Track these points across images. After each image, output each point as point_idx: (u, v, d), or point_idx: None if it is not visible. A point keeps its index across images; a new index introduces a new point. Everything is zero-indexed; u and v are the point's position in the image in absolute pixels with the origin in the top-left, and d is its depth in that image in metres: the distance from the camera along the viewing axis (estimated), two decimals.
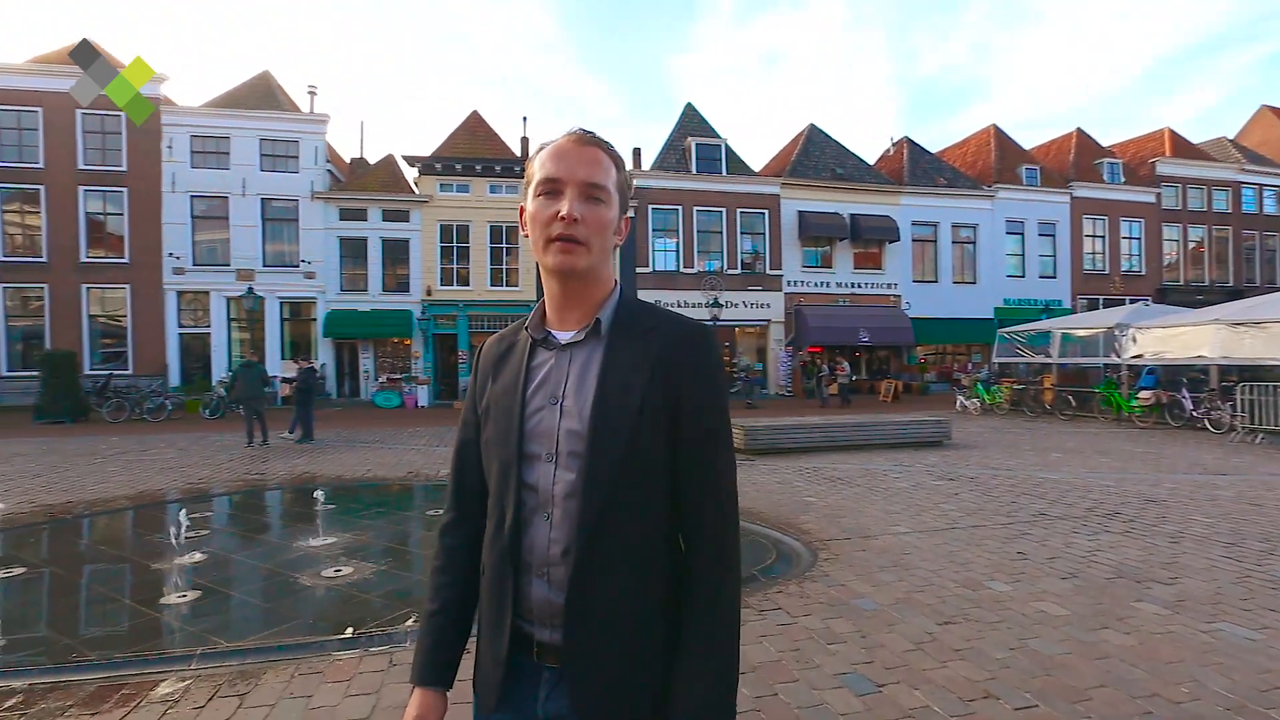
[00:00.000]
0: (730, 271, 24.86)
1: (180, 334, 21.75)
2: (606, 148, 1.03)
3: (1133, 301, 19.88)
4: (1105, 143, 31.20)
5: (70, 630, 3.71)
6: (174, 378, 21.24)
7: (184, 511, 5.61)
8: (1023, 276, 27.51)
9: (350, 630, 3.51)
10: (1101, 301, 26.79)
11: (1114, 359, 15.41)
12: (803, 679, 2.88)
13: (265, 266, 22.05)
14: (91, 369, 20.40)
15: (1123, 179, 28.67)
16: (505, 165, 23.29)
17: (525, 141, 25.31)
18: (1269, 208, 30.14)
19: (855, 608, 3.74)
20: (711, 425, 1.01)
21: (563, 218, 0.96)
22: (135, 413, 17.11)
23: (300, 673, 3.02)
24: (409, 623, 3.61)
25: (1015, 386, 18.06)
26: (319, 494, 6.05)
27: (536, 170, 1.01)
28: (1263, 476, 8.03)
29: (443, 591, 1.09)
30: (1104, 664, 2.98)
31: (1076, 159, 28.93)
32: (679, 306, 23.86)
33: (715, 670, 0.94)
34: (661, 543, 0.99)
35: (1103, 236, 28.38)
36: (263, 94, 23.27)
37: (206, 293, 21.84)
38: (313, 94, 23.45)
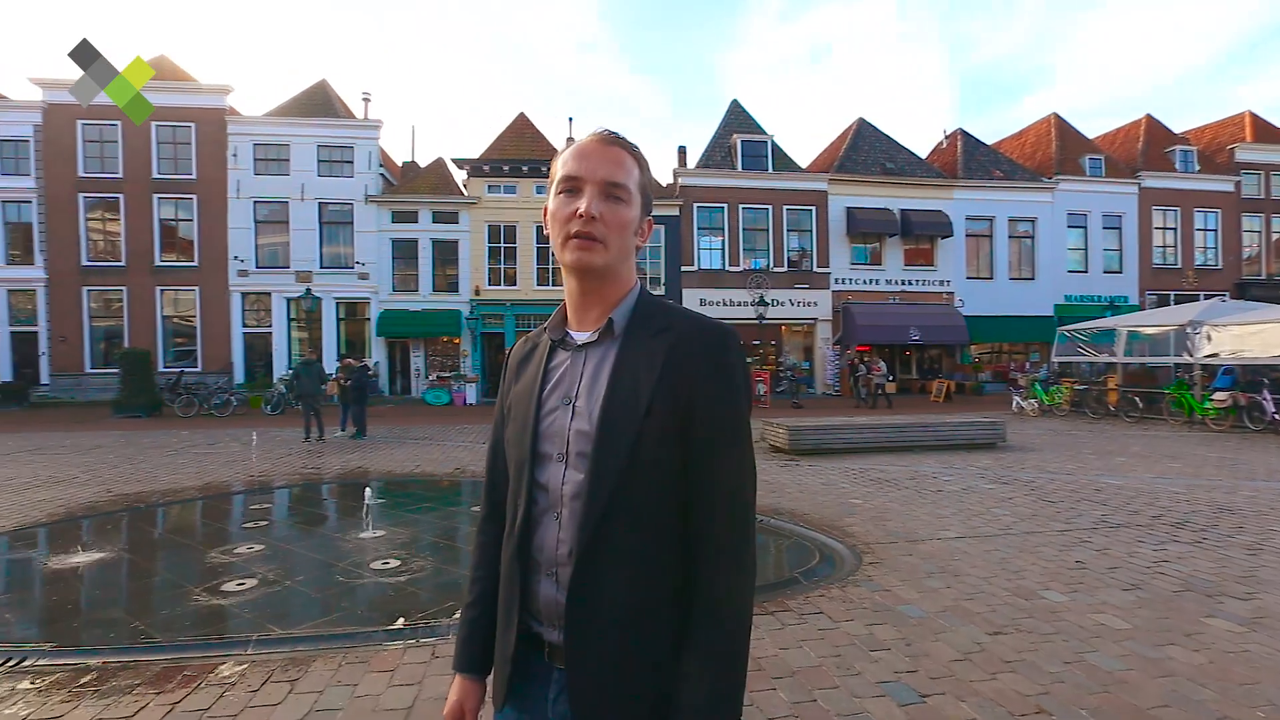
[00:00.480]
0: (776, 269, 24.54)
1: (244, 333, 22.77)
2: (630, 148, 1.03)
3: (1208, 297, 18.73)
4: (1178, 129, 29.51)
5: (140, 613, 3.92)
6: (238, 375, 22.26)
7: (245, 503, 5.88)
8: (1085, 272, 26.30)
9: (401, 621, 3.62)
10: (1173, 297, 25.38)
11: (1186, 358, 14.57)
12: (843, 686, 2.82)
13: (322, 268, 22.88)
14: (164, 367, 21.56)
15: (1197, 167, 27.08)
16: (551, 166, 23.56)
17: (570, 142, 25.52)
18: None
19: (900, 614, 3.64)
20: (722, 426, 0.97)
21: (580, 215, 0.97)
22: (203, 408, 18.00)
23: (347, 661, 3.12)
24: (454, 617, 3.69)
25: (1076, 387, 17.28)
26: (369, 489, 6.24)
27: (559, 169, 1.03)
28: None
29: (477, 585, 1.14)
30: (1169, 682, 2.82)
31: (1146, 147, 27.48)
32: (725, 305, 23.70)
33: (717, 674, 0.91)
34: (669, 545, 0.97)
35: (1174, 229, 26.88)
36: (320, 102, 24.13)
37: (268, 294, 22.79)
38: (366, 101, 24.23)
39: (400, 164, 28.07)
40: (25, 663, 3.19)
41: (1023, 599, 3.86)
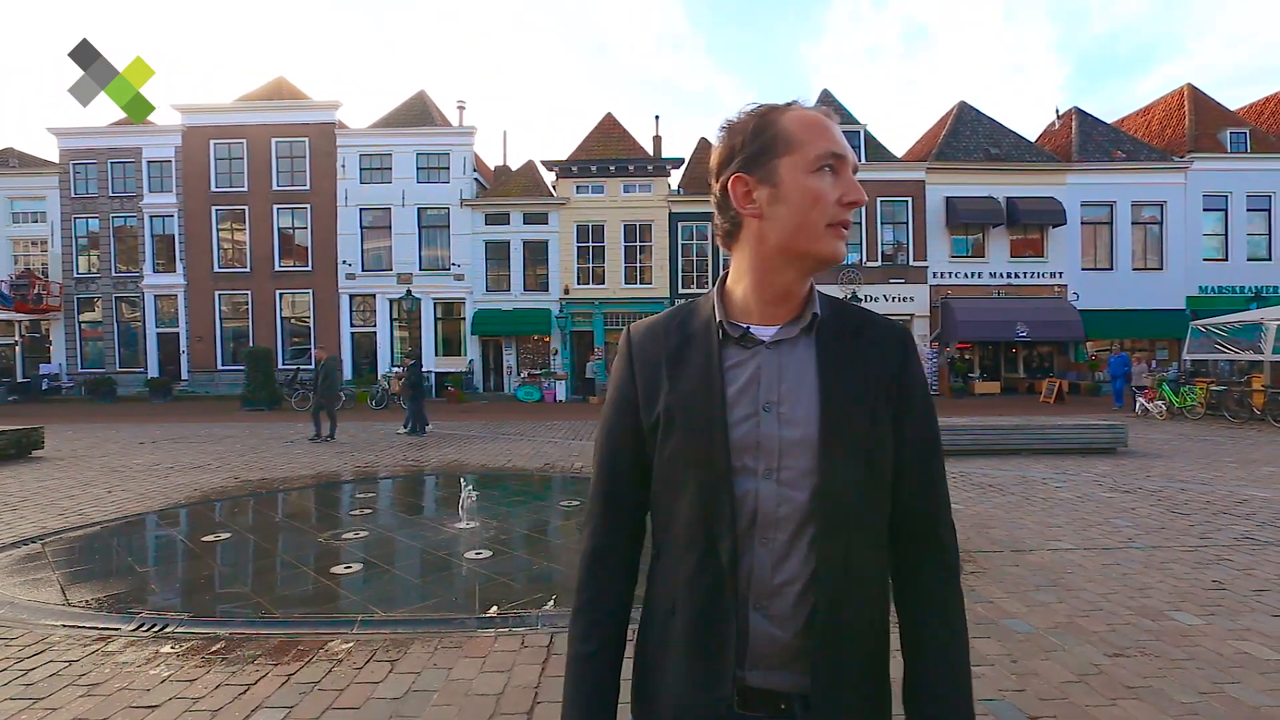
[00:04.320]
0: (870, 264, 23.64)
1: (352, 333, 24.38)
2: None
3: None
4: None
5: (261, 589, 4.27)
6: (347, 372, 23.86)
7: (352, 492, 6.28)
8: (1225, 260, 23.66)
9: (494, 610, 3.75)
10: None
11: None
12: None
13: (421, 270, 24.12)
14: (283, 364, 23.45)
15: None
16: (638, 165, 23.73)
17: (658, 140, 25.61)
18: None
19: (1005, 628, 3.41)
20: (933, 431, 0.95)
21: (853, 202, 0.88)
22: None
23: (443, 646, 3.27)
24: (547, 606, 3.79)
25: (1213, 388, 15.59)
26: (465, 481, 6.51)
27: (807, 137, 0.87)
28: None
29: (599, 630, 0.94)
30: None
31: None
32: None
33: (965, 688, 0.89)
34: (884, 558, 0.93)
35: None
36: (418, 112, 25.43)
37: (373, 295, 24.29)
38: (461, 109, 25.29)
39: (493, 168, 29.14)
40: (168, 629, 3.55)
41: (1148, 619, 3.51)
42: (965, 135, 24.84)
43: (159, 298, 24.69)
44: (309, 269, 24.28)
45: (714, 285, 0.98)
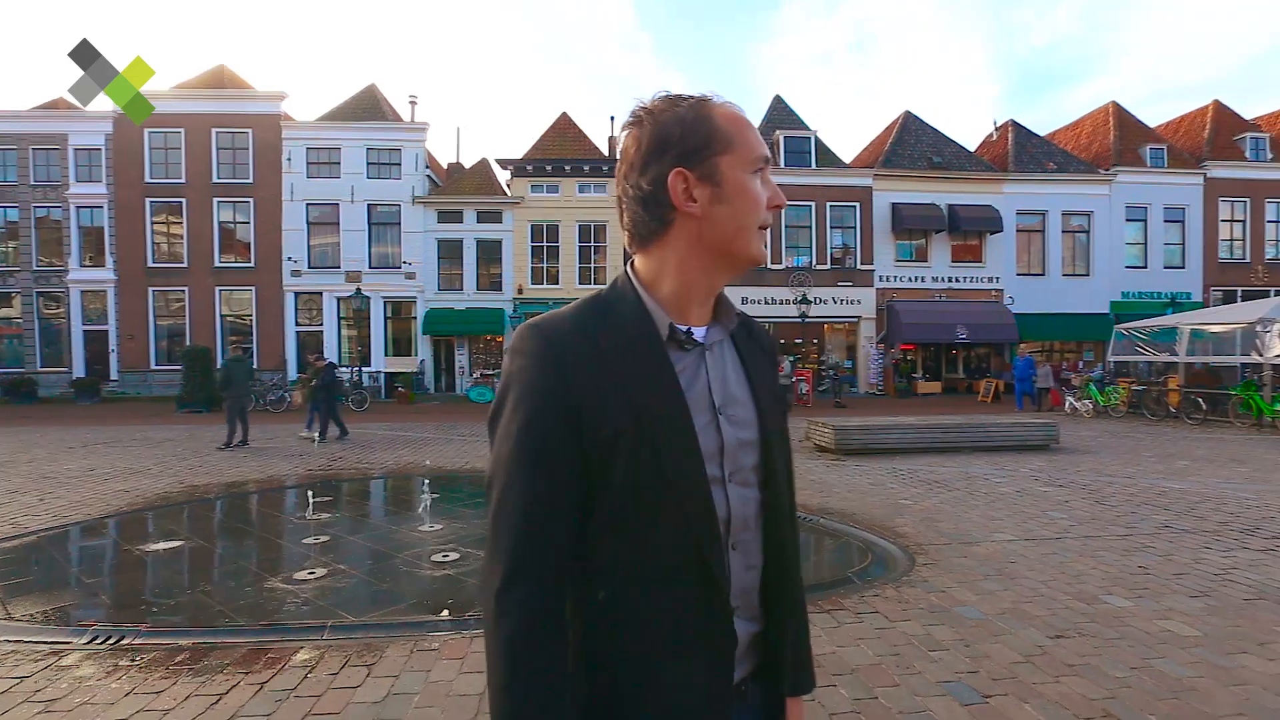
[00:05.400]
0: (819, 267, 24.27)
1: (297, 332, 23.61)
2: None
3: (1278, 293, 17.84)
4: (1249, 115, 28.06)
5: (221, 598, 4.16)
6: (290, 372, 23.10)
7: (307, 496, 6.15)
8: (1144, 268, 25.28)
9: (470, 613, 3.77)
10: (1240, 294, 24.18)
11: (1255, 358, 13.92)
12: (904, 685, 2.84)
13: (371, 268, 23.56)
14: (223, 363, 22.53)
15: (1270, 155, 25.73)
16: (593, 165, 23.75)
17: (613, 140, 25.67)
18: None
19: (957, 615, 3.63)
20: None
21: (779, 205, 0.90)
22: (259, 404, 18.73)
23: (419, 649, 3.27)
24: None
25: (1134, 387, 16.66)
26: (426, 484, 6.46)
27: (743, 138, 0.86)
28: None
29: (566, 693, 0.80)
30: (1242, 690, 2.77)
31: (1213, 135, 26.23)
32: (766, 303, 23.57)
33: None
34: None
35: (1243, 221, 25.61)
36: (369, 106, 24.82)
37: (319, 293, 23.59)
38: (413, 104, 24.83)
39: (445, 165, 28.68)
40: (123, 641, 3.43)
41: (1084, 603, 3.80)
42: (910, 144, 25.78)
43: (86, 293, 23.37)
44: (251, 265, 23.41)
45: (623, 281, 0.90)
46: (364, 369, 22.43)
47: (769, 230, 0.91)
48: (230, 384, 11.10)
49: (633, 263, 0.92)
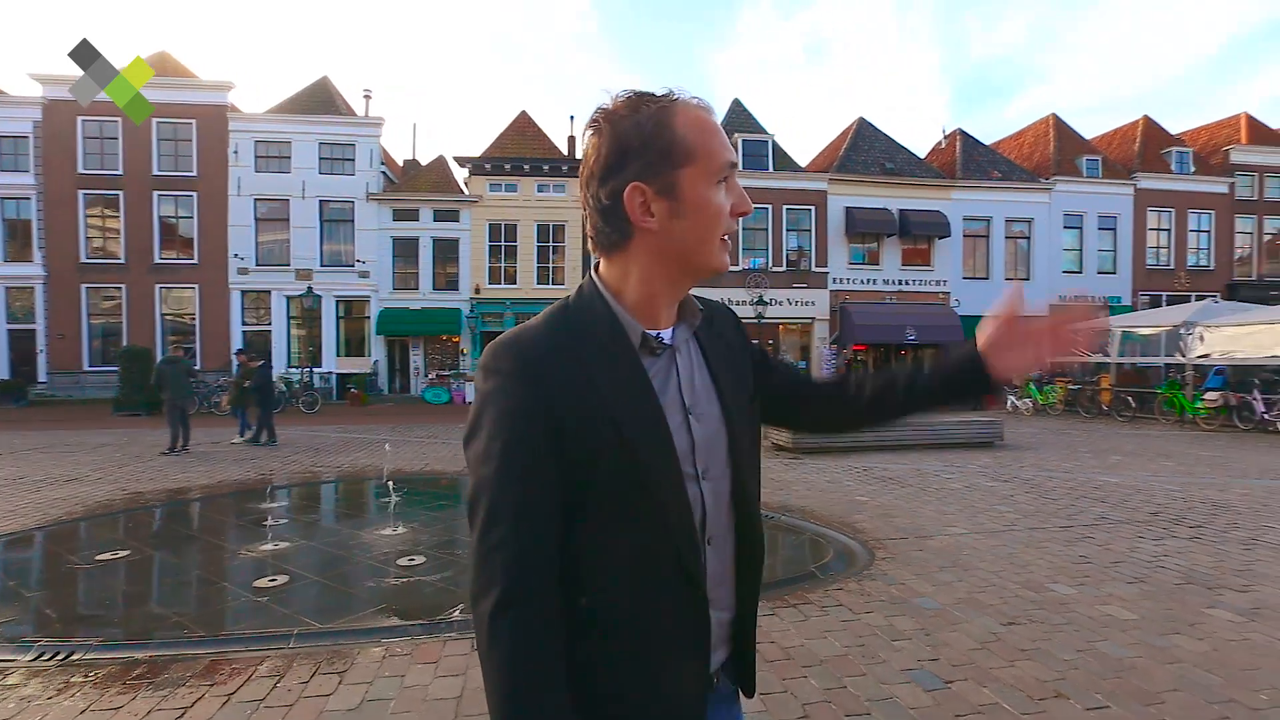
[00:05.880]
0: (775, 269, 24.70)
1: (244, 331, 22.78)
2: None
3: (1200, 298, 19.01)
4: (1175, 130, 29.79)
5: (177, 608, 4.02)
6: (234, 372, 22.25)
7: (267, 501, 5.99)
8: (1080, 272, 26.54)
9: (442, 615, 3.74)
10: (1165, 298, 25.67)
11: (1178, 358, 14.82)
12: (870, 673, 2.96)
13: (322, 266, 22.92)
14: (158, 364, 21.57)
15: (1193, 168, 27.36)
16: (553, 165, 23.63)
17: (572, 140, 25.61)
18: None
19: (917, 606, 3.79)
20: (788, 362, 1.12)
21: (744, 213, 0.89)
22: (204, 406, 18.01)
23: (391, 654, 3.24)
24: None
25: (1070, 386, 17.52)
26: (387, 486, 6.35)
27: (706, 146, 0.84)
28: None
29: (566, 708, 0.79)
30: (1176, 668, 2.98)
31: (1142, 148, 27.73)
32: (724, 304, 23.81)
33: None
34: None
35: (1168, 230, 27.17)
36: (321, 99, 24.13)
37: (268, 292, 22.82)
38: (368, 98, 24.28)
39: (401, 162, 28.10)
40: (74, 656, 3.29)
41: (1033, 592, 4.01)
42: (864, 150, 26.47)
43: (11, 290, 22.06)
44: (194, 262, 22.47)
45: (589, 289, 0.91)
46: (314, 370, 21.80)
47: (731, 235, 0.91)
48: (164, 385, 10.66)
49: (598, 266, 0.92)
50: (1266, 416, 12.50)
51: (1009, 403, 17.86)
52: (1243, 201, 27.54)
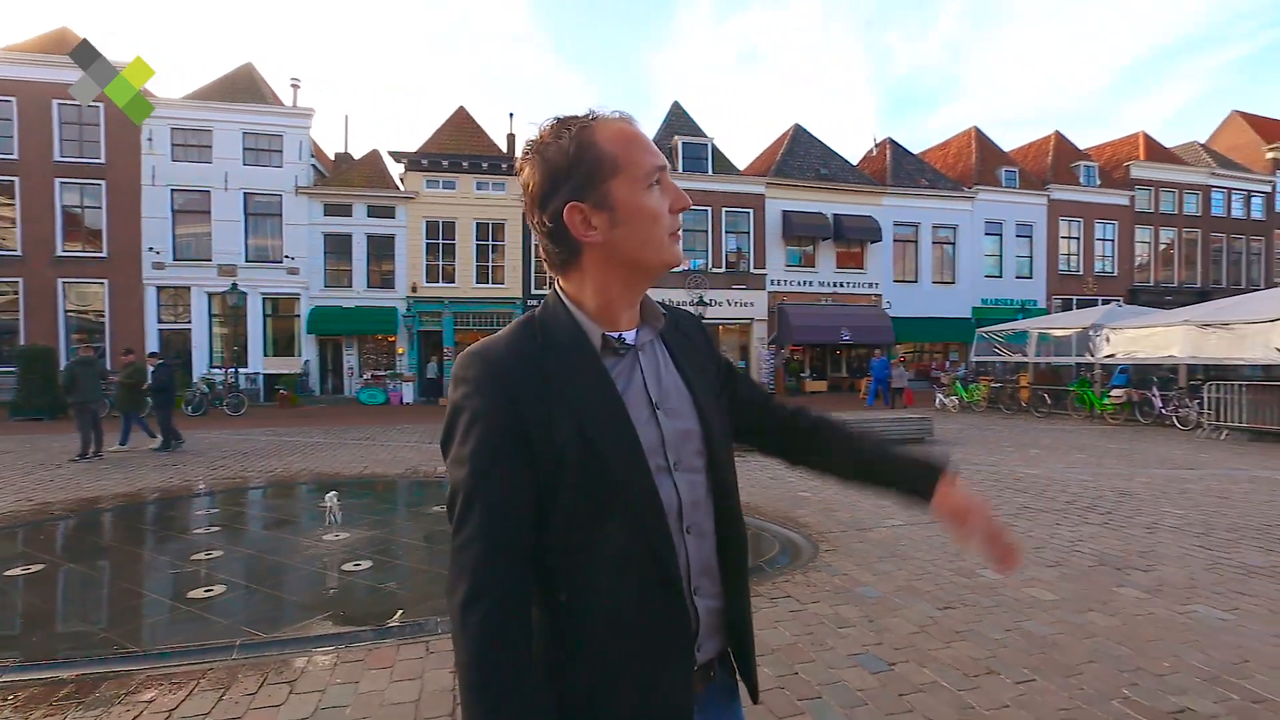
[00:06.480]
0: (715, 270, 25.11)
1: (160, 330, 21.45)
2: None
3: (1105, 302, 20.52)
4: (1083, 145, 31.95)
5: (104, 623, 3.80)
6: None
7: (195, 508, 5.69)
8: (1000, 277, 28.14)
9: (392, 619, 3.66)
10: (1075, 302, 27.50)
11: (1088, 358, 15.93)
12: (819, 660, 3.10)
13: (248, 262, 21.82)
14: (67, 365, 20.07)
15: (1098, 181, 29.43)
16: (492, 162, 23.27)
17: (512, 138, 25.28)
18: (1236, 212, 31.12)
19: (860, 595, 3.98)
20: (755, 383, 1.19)
21: (684, 208, 0.94)
22: (113, 409, 16.87)
23: (343, 661, 3.16)
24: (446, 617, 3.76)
25: (992, 385, 18.56)
26: (327, 490, 6.14)
27: (630, 155, 0.89)
28: (1228, 471, 8.45)
29: (536, 699, 0.83)
30: (1092, 642, 3.25)
31: (1054, 162, 29.62)
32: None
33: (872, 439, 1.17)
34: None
35: (1078, 238, 29.13)
36: (246, 86, 22.98)
37: (187, 288, 21.55)
38: (296, 87, 23.24)
39: (333, 155, 27.08)
40: None
41: (965, 577, 4.27)
42: (800, 155, 27.24)
43: None
44: (103, 255, 20.97)
45: (553, 301, 0.96)
46: (240, 370, 20.76)
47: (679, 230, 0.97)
48: (75, 388, 9.94)
49: (558, 280, 0.97)
50: (1163, 412, 13.60)
51: (937, 400, 18.76)
52: (1141, 213, 29.82)
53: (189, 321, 21.63)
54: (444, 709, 2.70)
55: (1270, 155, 32.01)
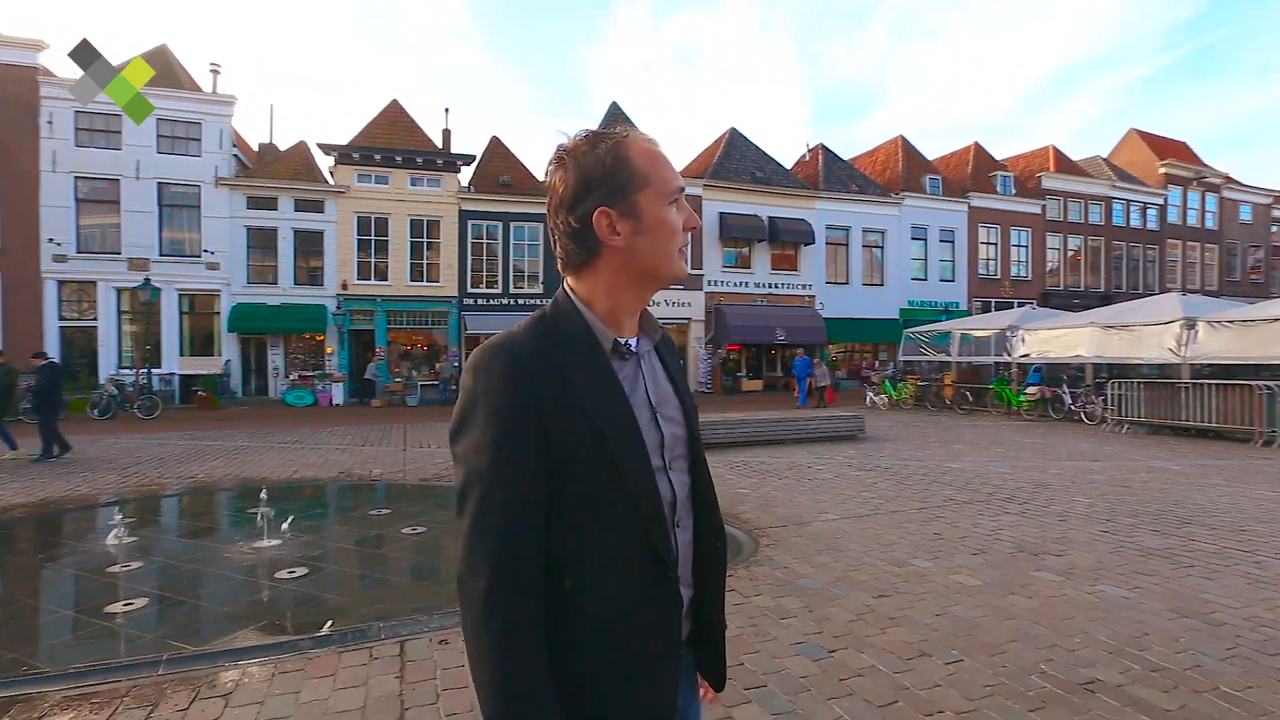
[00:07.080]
0: None
1: (61, 327, 19.90)
2: None
3: (1020, 305, 21.84)
4: (1000, 155, 33.84)
5: (8, 643, 3.52)
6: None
7: (102, 519, 5.33)
8: (925, 280, 29.48)
9: (328, 626, 3.55)
10: (993, 304, 29.10)
11: (1005, 358, 16.92)
12: (763, 650, 3.20)
13: (162, 256, 20.50)
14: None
15: (1013, 191, 31.23)
16: (428, 158, 22.69)
17: (447, 133, 24.72)
18: (1134, 222, 33.70)
19: (800, 586, 4.12)
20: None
21: (693, 227, 1.03)
22: (10, 414, 15.55)
23: (281, 671, 3.05)
24: (388, 622, 3.67)
25: (919, 383, 19.44)
26: (257, 495, 5.87)
27: (658, 173, 0.98)
28: (1129, 461, 9.17)
29: (551, 686, 0.88)
30: (1013, 623, 3.48)
31: (974, 171, 31.26)
32: None
33: None
34: None
35: (995, 244, 30.84)
36: (160, 70, 21.50)
37: (93, 283, 20.07)
38: (216, 73, 21.98)
39: (256, 146, 25.80)
40: None
41: (897, 567, 4.48)
42: (736, 158, 27.76)
43: None
44: None
45: (563, 299, 1.02)
46: (153, 371, 19.51)
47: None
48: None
49: (568, 281, 1.04)
50: (1073, 408, 14.60)
51: (867, 398, 19.50)
52: (1052, 221, 31.85)
53: (94, 319, 20.14)
54: (391, 714, 2.65)
55: (1163, 170, 34.79)
